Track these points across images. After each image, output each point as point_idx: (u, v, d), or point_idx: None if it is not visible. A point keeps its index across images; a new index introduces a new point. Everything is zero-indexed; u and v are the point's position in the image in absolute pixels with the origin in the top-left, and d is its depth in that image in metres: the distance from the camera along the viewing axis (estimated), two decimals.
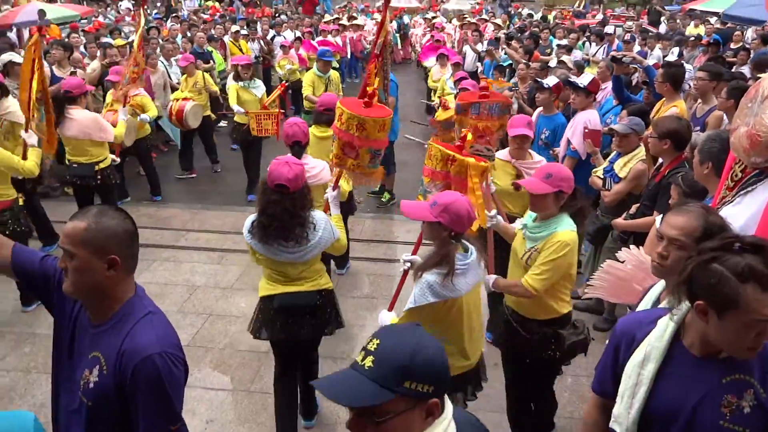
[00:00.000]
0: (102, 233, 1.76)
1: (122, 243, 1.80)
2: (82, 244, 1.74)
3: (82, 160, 5.49)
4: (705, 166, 2.95)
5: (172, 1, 21.83)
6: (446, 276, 2.55)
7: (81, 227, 1.75)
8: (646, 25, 15.43)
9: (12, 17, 9.95)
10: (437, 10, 19.45)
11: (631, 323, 1.88)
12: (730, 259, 1.51)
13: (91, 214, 1.79)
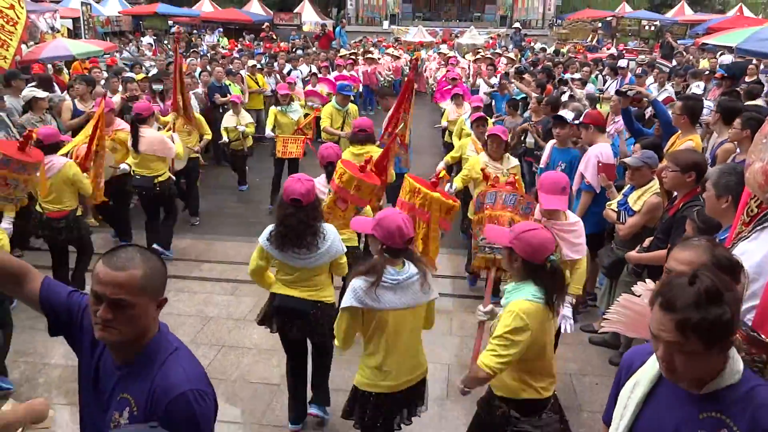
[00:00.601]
0: (157, 276, 1.77)
1: (165, 282, 1.84)
2: (141, 291, 1.71)
3: (144, 172, 6.19)
4: (723, 200, 2.90)
5: (192, 36, 22.44)
6: (371, 285, 2.73)
7: (138, 275, 1.70)
8: (660, 58, 15.54)
9: (38, 53, 10.26)
10: (452, 46, 19.72)
11: (633, 353, 1.93)
12: (674, 279, 1.61)
13: (138, 259, 1.74)
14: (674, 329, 1.51)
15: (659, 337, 1.56)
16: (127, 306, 1.68)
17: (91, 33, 17.31)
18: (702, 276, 1.53)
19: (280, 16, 27.50)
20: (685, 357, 1.54)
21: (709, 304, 1.49)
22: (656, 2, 33.77)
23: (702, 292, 1.50)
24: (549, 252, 2.59)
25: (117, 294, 1.66)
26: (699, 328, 1.49)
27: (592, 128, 5.35)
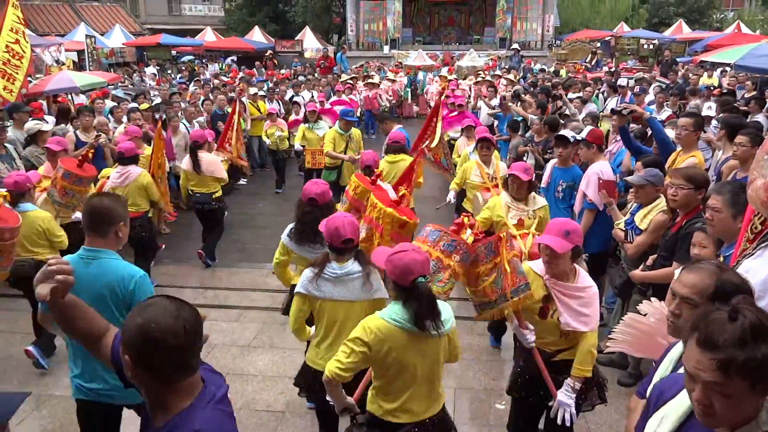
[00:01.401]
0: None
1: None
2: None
3: (203, 190, 6.95)
4: (740, 219, 2.79)
5: (195, 66, 22.74)
6: (315, 275, 3.16)
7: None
8: (659, 77, 15.63)
9: (44, 85, 10.40)
10: (452, 71, 19.91)
11: (665, 382, 1.82)
12: (708, 311, 1.48)
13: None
14: (716, 369, 1.38)
15: (697, 377, 1.43)
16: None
17: (95, 65, 17.59)
18: (744, 310, 1.41)
19: (282, 43, 27.89)
20: (725, 400, 1.41)
21: (756, 342, 1.36)
22: (654, 21, 34.18)
23: (747, 328, 1.38)
24: (415, 275, 2.53)
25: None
26: (745, 368, 1.36)
27: (594, 147, 5.36)
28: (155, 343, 1.61)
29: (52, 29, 26.30)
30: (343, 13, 31.42)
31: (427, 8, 29.06)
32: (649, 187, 4.35)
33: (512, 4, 26.75)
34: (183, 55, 27.32)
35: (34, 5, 27.87)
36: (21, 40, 8.45)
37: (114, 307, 2.88)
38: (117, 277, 2.90)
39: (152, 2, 40.52)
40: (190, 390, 1.71)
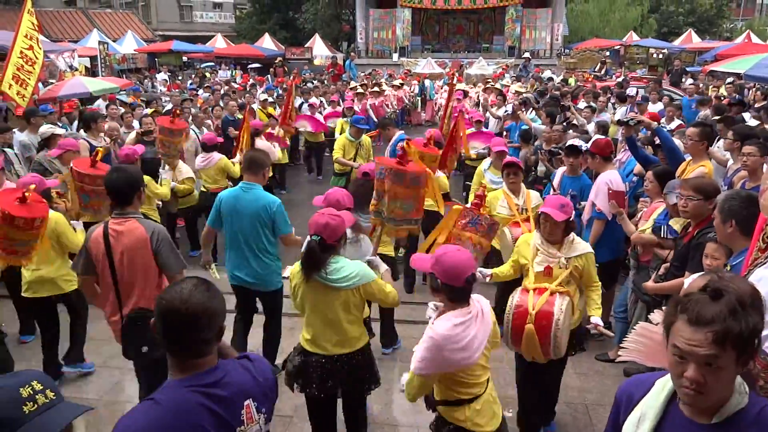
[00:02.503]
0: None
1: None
2: None
3: (211, 186, 7.39)
4: (728, 225, 2.96)
5: (206, 72, 22.92)
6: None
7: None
8: (668, 86, 15.60)
9: (57, 90, 10.52)
10: (461, 80, 19.95)
11: (630, 384, 1.87)
12: (691, 295, 1.56)
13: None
14: (711, 342, 1.47)
15: (692, 354, 1.50)
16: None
17: (107, 71, 17.76)
18: (726, 287, 1.51)
19: (291, 50, 28.10)
20: (716, 374, 1.50)
21: (744, 312, 1.47)
22: (663, 30, 34.14)
23: (735, 301, 1.47)
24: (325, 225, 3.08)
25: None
26: (739, 337, 1.46)
27: (598, 158, 5.36)
28: (159, 316, 1.88)
29: (65, 35, 26.61)
30: (352, 20, 31.61)
31: (436, 17, 29.15)
32: None
33: (521, 13, 26.80)
34: (194, 61, 27.58)
35: (48, 12, 28.24)
36: (35, 46, 8.57)
37: (264, 222, 4.41)
38: (265, 202, 4.42)
39: (164, 9, 40.95)
40: (183, 369, 1.89)
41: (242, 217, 4.39)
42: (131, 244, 3.50)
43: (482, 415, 2.71)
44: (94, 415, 4.47)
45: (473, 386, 2.70)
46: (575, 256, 3.61)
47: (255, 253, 4.48)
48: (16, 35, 8.51)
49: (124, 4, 38.51)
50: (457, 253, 2.66)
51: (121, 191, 3.54)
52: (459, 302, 2.65)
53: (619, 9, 33.88)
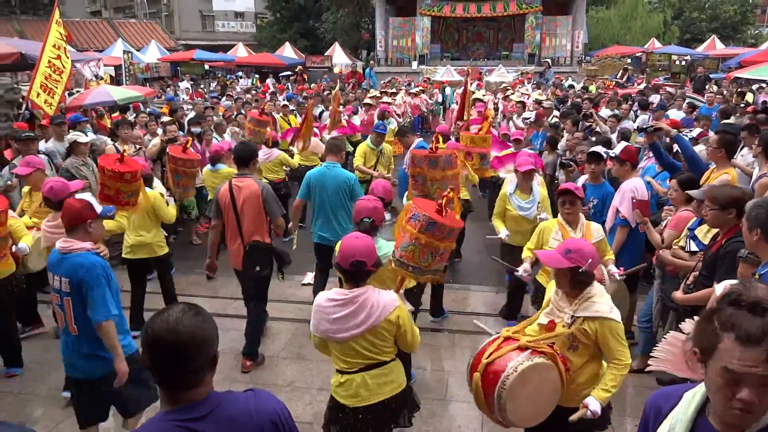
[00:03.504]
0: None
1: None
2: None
3: (307, 163, 8.29)
4: (754, 233, 2.95)
5: (227, 80, 23.22)
6: None
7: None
8: (690, 93, 15.40)
9: (83, 99, 10.74)
10: (481, 86, 19.91)
11: (659, 396, 1.84)
12: (726, 310, 1.50)
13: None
14: (765, 360, 1.40)
15: (748, 375, 1.42)
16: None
17: (131, 79, 18.09)
18: (764, 301, 1.45)
19: (311, 59, 28.34)
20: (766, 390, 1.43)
21: None
22: (686, 37, 33.75)
23: None
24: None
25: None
26: None
27: (627, 164, 5.30)
28: (145, 347, 1.76)
29: (91, 45, 27.15)
30: (372, 29, 31.80)
31: (455, 24, 29.20)
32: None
33: (541, 20, 26.73)
34: (216, 70, 27.94)
35: (75, 22, 28.85)
36: (62, 55, 8.76)
37: (345, 191, 5.55)
38: (345, 177, 5.60)
39: (187, 19, 41.61)
40: (171, 402, 1.77)
41: (328, 189, 5.57)
42: (248, 195, 4.92)
43: (345, 388, 3.11)
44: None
45: (343, 363, 3.10)
46: (585, 317, 2.95)
47: (337, 217, 5.60)
48: (44, 45, 8.72)
49: (148, 14, 39.20)
50: (354, 240, 3.04)
51: (243, 158, 5.10)
52: (347, 282, 3.04)
53: (640, 16, 33.59)
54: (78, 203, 3.62)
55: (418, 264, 3.31)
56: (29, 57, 10.10)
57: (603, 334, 2.93)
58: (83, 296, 3.44)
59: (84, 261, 3.46)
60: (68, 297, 3.48)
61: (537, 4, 26.27)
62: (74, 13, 33.46)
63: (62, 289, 3.48)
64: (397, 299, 3.08)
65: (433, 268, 3.38)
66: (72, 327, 3.52)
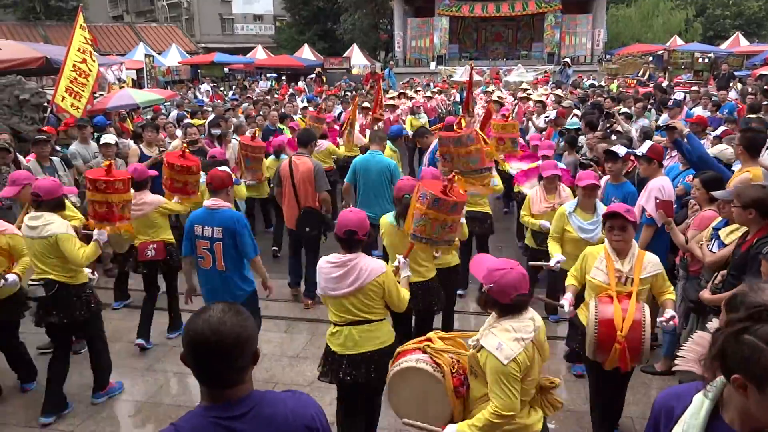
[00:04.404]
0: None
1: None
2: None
3: (350, 154, 8.72)
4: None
5: (246, 83, 23.41)
6: None
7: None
8: (714, 91, 15.16)
9: (106, 102, 10.91)
10: (499, 84, 19.80)
11: (670, 396, 1.79)
12: (762, 328, 1.43)
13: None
14: None
15: None
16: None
17: (153, 82, 18.34)
18: None
19: (330, 60, 28.45)
20: None
21: None
22: (709, 34, 33.22)
23: None
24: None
25: None
26: None
27: (655, 162, 5.23)
28: (187, 347, 1.73)
29: (113, 49, 27.59)
30: (390, 30, 31.83)
31: (474, 24, 29.10)
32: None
33: (561, 19, 26.52)
34: (235, 72, 28.19)
35: (97, 26, 29.33)
36: (88, 59, 8.91)
37: (386, 175, 6.32)
38: (386, 163, 6.44)
39: (207, 22, 42.04)
40: (212, 398, 1.76)
41: (371, 173, 6.39)
42: (304, 170, 6.15)
43: (335, 337, 3.63)
44: (140, 416, 4.60)
45: (336, 316, 3.63)
46: (481, 346, 2.77)
47: (378, 198, 6.36)
48: (68, 49, 8.88)
49: (169, 17, 39.69)
50: (349, 213, 3.63)
51: (303, 141, 6.44)
52: (343, 248, 3.57)
53: (662, 13, 33.14)
54: (224, 173, 4.72)
55: (430, 236, 3.86)
56: (54, 61, 10.29)
57: (487, 369, 2.72)
58: (234, 241, 4.44)
59: (233, 214, 4.54)
60: (219, 242, 4.44)
61: (556, 3, 26.08)
62: (97, 18, 34.01)
63: (213, 237, 4.44)
64: (384, 266, 3.57)
65: (444, 238, 3.94)
66: (221, 264, 4.48)
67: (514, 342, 2.65)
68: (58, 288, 4.35)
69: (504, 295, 2.69)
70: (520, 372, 2.65)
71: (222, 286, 4.54)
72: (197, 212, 4.58)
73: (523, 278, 2.73)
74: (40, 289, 4.31)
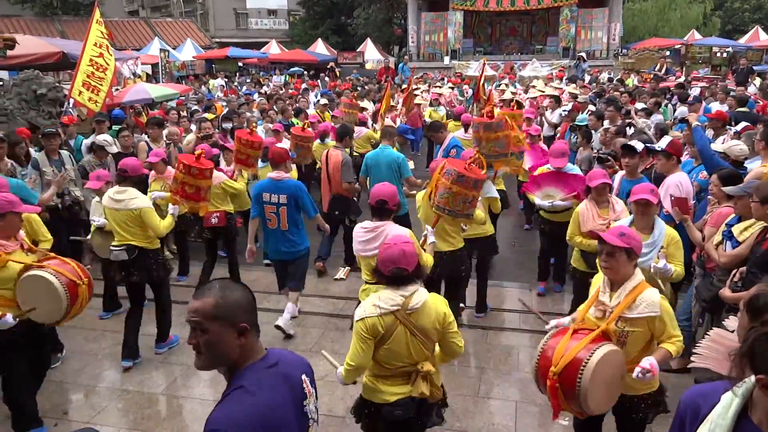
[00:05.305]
0: (231, 304, 1.87)
1: (248, 311, 1.91)
2: (213, 317, 1.84)
3: (361, 150, 9.24)
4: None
5: (260, 78, 23.46)
6: None
7: (210, 302, 1.85)
8: (732, 86, 14.94)
9: (122, 96, 11.00)
10: (513, 79, 19.64)
11: (697, 395, 1.78)
12: None
13: (216, 288, 1.89)
14: None
15: None
16: (203, 331, 1.84)
17: (167, 77, 18.43)
18: None
19: (343, 55, 28.42)
20: None
21: None
22: (727, 28, 32.71)
23: None
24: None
25: (192, 317, 1.85)
26: None
27: (674, 158, 5.18)
28: (245, 300, 1.94)
29: (129, 44, 27.76)
30: (404, 24, 31.71)
31: (488, 18, 28.88)
32: (748, 198, 4.02)
33: (576, 13, 26.23)
34: (249, 67, 28.25)
35: (113, 21, 29.52)
36: (105, 53, 8.97)
37: (395, 169, 6.62)
38: (394, 156, 6.75)
39: (221, 17, 42.17)
40: (251, 354, 1.93)
41: (381, 166, 6.69)
42: (335, 162, 7.02)
43: (365, 294, 4.08)
44: (155, 409, 4.64)
45: (366, 275, 4.28)
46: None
47: None
48: (85, 44, 8.95)
49: (184, 12, 39.86)
50: (382, 186, 4.22)
51: (340, 134, 7.30)
52: (374, 216, 4.17)
53: (680, 7, 32.66)
54: (283, 150, 5.82)
55: (453, 208, 4.41)
56: (71, 56, 10.37)
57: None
58: (297, 204, 5.52)
59: (295, 183, 5.66)
60: (284, 206, 5.48)
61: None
62: (113, 13, 34.21)
63: (279, 202, 5.49)
64: (408, 233, 3.96)
65: (465, 212, 4.48)
66: (284, 225, 5.52)
67: (372, 306, 2.94)
68: (138, 252, 5.04)
69: (383, 266, 2.95)
70: (367, 333, 2.92)
71: (284, 242, 5.63)
72: (264, 182, 5.69)
73: (403, 254, 2.93)
74: (123, 254, 5.01)
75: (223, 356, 1.87)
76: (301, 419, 1.97)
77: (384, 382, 3.06)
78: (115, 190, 5.05)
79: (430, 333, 2.97)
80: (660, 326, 2.99)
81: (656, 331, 3.01)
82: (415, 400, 3.05)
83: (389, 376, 3.05)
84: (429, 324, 2.95)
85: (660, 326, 2.99)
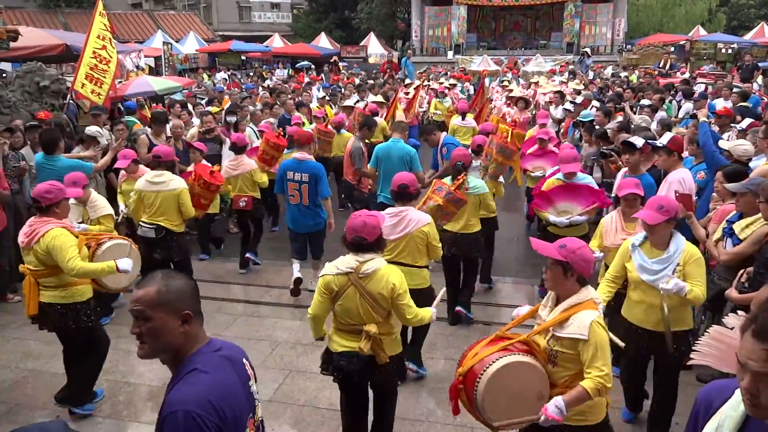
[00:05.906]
0: (174, 292, 1.90)
1: (191, 298, 1.95)
2: (157, 305, 1.87)
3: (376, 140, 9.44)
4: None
5: (263, 72, 23.42)
6: None
7: (153, 291, 1.88)
8: (737, 82, 14.88)
9: (125, 89, 10.96)
10: (517, 74, 19.58)
11: (711, 390, 1.80)
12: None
13: (159, 277, 1.94)
14: (766, 359, 1.42)
15: (747, 366, 1.46)
16: (146, 319, 1.86)
17: (170, 70, 18.39)
18: None
19: (346, 49, 28.37)
20: None
21: None
22: (733, 24, 32.56)
23: None
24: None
25: (135, 306, 1.87)
26: None
27: (675, 155, 5.15)
28: (188, 288, 1.99)
29: (132, 36, 27.72)
30: (407, 18, 31.63)
31: (492, 13, 28.80)
32: (750, 195, 4.04)
33: (581, 8, 26.14)
34: (252, 60, 28.19)
35: (116, 14, 29.46)
36: (108, 46, 8.94)
37: (406, 161, 6.73)
38: (406, 150, 6.87)
39: (224, 10, 42.07)
40: (197, 340, 1.96)
41: (393, 159, 6.81)
42: (348, 149, 7.69)
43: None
44: (155, 401, 4.65)
45: (388, 255, 4.33)
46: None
47: None
48: (88, 36, 8.91)
49: (187, 5, 39.80)
50: (404, 174, 4.66)
51: (361, 125, 7.81)
52: (396, 201, 4.48)
53: (685, 3, 32.53)
54: (308, 133, 6.65)
55: (434, 216, 4.77)
56: (74, 48, 10.34)
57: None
58: (315, 183, 6.02)
59: (315, 164, 6.17)
60: (305, 184, 6.02)
61: None
62: (116, 6, 34.14)
63: (301, 180, 6.03)
64: (429, 218, 4.46)
65: (438, 222, 4.87)
66: (305, 200, 6.06)
67: (331, 266, 3.40)
68: (165, 233, 5.59)
69: (347, 233, 3.35)
70: (322, 288, 3.40)
71: (305, 217, 6.19)
72: (288, 161, 6.23)
73: (364, 225, 3.30)
74: (151, 232, 5.59)
75: (167, 344, 1.89)
76: (249, 397, 2.03)
77: (338, 334, 3.49)
78: (153, 173, 5.62)
79: (379, 299, 3.31)
80: (585, 353, 2.72)
81: (582, 357, 2.74)
82: (362, 357, 3.33)
83: (343, 331, 3.46)
84: (378, 290, 3.29)
85: (585, 353, 2.72)
